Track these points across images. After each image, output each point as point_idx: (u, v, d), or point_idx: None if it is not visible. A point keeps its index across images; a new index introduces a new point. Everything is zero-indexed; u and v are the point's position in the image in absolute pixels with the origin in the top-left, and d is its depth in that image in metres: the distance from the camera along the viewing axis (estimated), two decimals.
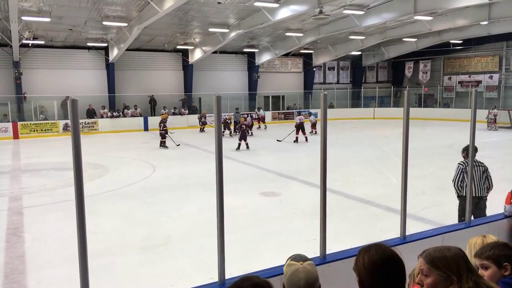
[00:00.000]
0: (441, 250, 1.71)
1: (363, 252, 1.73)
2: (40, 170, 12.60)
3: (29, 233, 7.06)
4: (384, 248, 1.73)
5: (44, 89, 22.57)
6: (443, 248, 1.72)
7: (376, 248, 1.72)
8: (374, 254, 1.69)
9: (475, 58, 29.17)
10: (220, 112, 2.66)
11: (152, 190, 9.88)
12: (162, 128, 16.87)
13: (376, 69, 34.49)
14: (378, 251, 1.70)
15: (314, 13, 17.62)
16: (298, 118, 18.50)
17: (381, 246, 1.74)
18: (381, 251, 1.69)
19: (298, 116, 19.13)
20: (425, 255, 1.72)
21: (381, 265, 1.65)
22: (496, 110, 22.59)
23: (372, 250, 1.71)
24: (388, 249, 1.72)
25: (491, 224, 4.51)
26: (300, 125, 17.94)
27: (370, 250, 1.71)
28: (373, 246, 1.75)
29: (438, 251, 1.71)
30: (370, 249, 1.72)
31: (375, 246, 1.74)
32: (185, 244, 6.42)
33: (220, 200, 2.72)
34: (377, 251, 1.70)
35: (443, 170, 11.13)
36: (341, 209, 7.88)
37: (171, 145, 16.76)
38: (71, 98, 2.04)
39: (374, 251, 1.70)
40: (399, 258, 1.70)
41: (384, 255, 1.68)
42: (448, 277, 1.63)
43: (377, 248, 1.72)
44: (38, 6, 15.90)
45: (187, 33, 22.77)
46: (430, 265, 1.67)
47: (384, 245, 1.75)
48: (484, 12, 19.68)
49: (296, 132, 17.85)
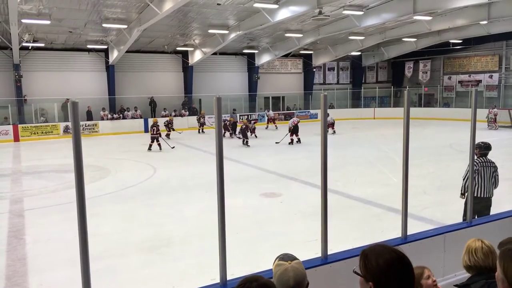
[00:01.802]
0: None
1: (371, 255, 1.65)
2: (41, 173, 12.61)
3: (30, 236, 7.07)
4: (393, 249, 1.68)
5: (45, 91, 22.58)
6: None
7: (386, 249, 1.66)
8: (385, 254, 1.63)
9: (475, 57, 29.18)
10: (220, 113, 2.66)
11: (153, 192, 9.88)
12: (155, 132, 16.48)
13: (376, 69, 34.50)
14: (389, 251, 1.64)
15: (313, 14, 17.62)
16: (291, 121, 18.27)
17: (388, 246, 1.69)
18: (392, 251, 1.65)
19: (292, 119, 18.91)
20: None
21: (397, 265, 1.60)
22: (496, 109, 22.58)
23: (384, 251, 1.65)
24: (396, 249, 1.68)
25: (493, 223, 4.51)
26: (294, 128, 17.67)
27: (381, 252, 1.65)
28: (380, 247, 1.68)
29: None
30: (380, 251, 1.65)
31: (383, 247, 1.67)
32: (186, 245, 6.42)
33: (221, 201, 2.72)
34: (388, 251, 1.64)
35: (443, 170, 11.14)
36: (342, 210, 7.88)
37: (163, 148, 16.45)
38: (72, 101, 2.05)
39: (386, 252, 1.64)
40: (407, 258, 1.66)
41: (397, 256, 1.63)
42: None
43: (387, 249, 1.66)
44: (38, 9, 15.91)
45: (187, 35, 22.79)
46: None
47: (389, 245, 1.71)
48: (483, 11, 19.69)
49: (291, 134, 17.66)
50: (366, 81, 33.97)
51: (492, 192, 5.89)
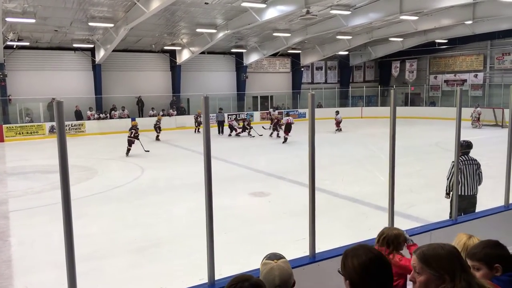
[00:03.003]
0: (435, 249, 1.68)
1: (351, 255, 1.71)
2: (26, 173, 12.43)
3: (16, 237, 6.97)
4: (370, 248, 1.72)
5: (30, 91, 22.24)
6: (437, 247, 1.69)
7: (364, 249, 1.71)
8: (362, 255, 1.67)
9: (460, 57, 29.58)
10: (208, 113, 2.66)
11: (141, 192, 9.81)
12: (132, 135, 15.43)
13: (363, 69, 34.75)
14: (366, 252, 1.69)
15: (301, 13, 17.69)
16: (285, 119, 18.64)
17: (367, 247, 1.73)
18: (369, 252, 1.69)
19: (286, 117, 19.23)
20: (419, 253, 1.70)
21: (371, 266, 1.65)
22: (480, 108, 22.93)
23: (360, 252, 1.69)
24: (374, 249, 1.72)
25: (478, 220, 4.58)
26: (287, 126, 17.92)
27: (358, 253, 1.70)
28: (360, 248, 1.73)
29: (431, 250, 1.69)
30: (358, 251, 1.70)
31: (362, 248, 1.72)
32: (175, 245, 6.39)
33: (209, 201, 2.72)
34: (365, 253, 1.68)
35: (429, 168, 11.27)
36: (330, 208, 7.92)
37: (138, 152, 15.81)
38: (57, 100, 2.03)
39: (363, 253, 1.68)
40: (385, 257, 1.71)
41: (373, 256, 1.67)
42: (440, 276, 1.61)
43: (365, 250, 1.70)
44: (23, 7, 15.67)
45: (175, 34, 22.67)
46: (423, 264, 1.65)
47: (369, 245, 1.75)
48: (468, 11, 19.99)
49: (285, 133, 17.81)
50: (353, 81, 34.22)
51: (476, 189, 5.97)
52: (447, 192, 6.03)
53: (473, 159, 5.98)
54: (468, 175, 5.88)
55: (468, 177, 5.88)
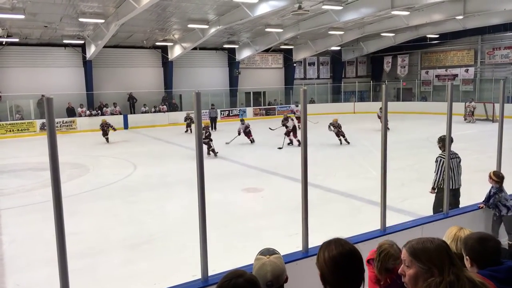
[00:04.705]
0: (424, 242, 1.70)
1: (324, 248, 1.75)
2: (17, 171, 12.31)
3: (7, 235, 6.92)
4: (343, 243, 1.75)
5: (20, 88, 22.03)
6: (426, 240, 1.71)
7: (336, 243, 1.74)
8: (333, 249, 1.71)
9: (451, 52, 29.76)
10: (200, 109, 2.66)
11: (133, 189, 9.78)
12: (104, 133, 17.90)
13: (355, 64, 34.83)
14: (337, 246, 1.72)
15: (293, 9, 17.64)
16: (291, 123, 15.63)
17: (340, 242, 1.75)
18: (340, 247, 1.71)
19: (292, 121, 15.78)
20: (408, 246, 1.72)
21: (340, 260, 1.68)
22: (474, 103, 23.10)
23: (332, 246, 1.73)
24: (347, 244, 1.74)
25: (468, 214, 4.63)
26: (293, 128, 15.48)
27: (330, 246, 1.73)
28: (333, 241, 1.76)
29: (420, 243, 1.70)
30: (330, 245, 1.74)
31: (335, 242, 1.75)
32: (168, 242, 6.38)
33: (201, 197, 2.72)
34: (336, 246, 1.72)
35: (421, 162, 11.35)
36: (322, 203, 7.96)
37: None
38: (47, 97, 2.01)
39: (334, 247, 1.72)
40: (358, 253, 1.73)
41: (344, 251, 1.70)
42: (429, 269, 1.63)
43: (336, 244, 1.73)
44: (12, 3, 15.45)
45: (166, 30, 22.51)
46: (412, 257, 1.67)
47: (344, 240, 1.77)
48: (459, 6, 20.08)
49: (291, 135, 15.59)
50: (346, 76, 34.29)
51: (460, 182, 6.05)
52: (433, 187, 6.07)
53: (455, 153, 6.06)
54: (453, 169, 5.94)
55: (453, 171, 5.94)
